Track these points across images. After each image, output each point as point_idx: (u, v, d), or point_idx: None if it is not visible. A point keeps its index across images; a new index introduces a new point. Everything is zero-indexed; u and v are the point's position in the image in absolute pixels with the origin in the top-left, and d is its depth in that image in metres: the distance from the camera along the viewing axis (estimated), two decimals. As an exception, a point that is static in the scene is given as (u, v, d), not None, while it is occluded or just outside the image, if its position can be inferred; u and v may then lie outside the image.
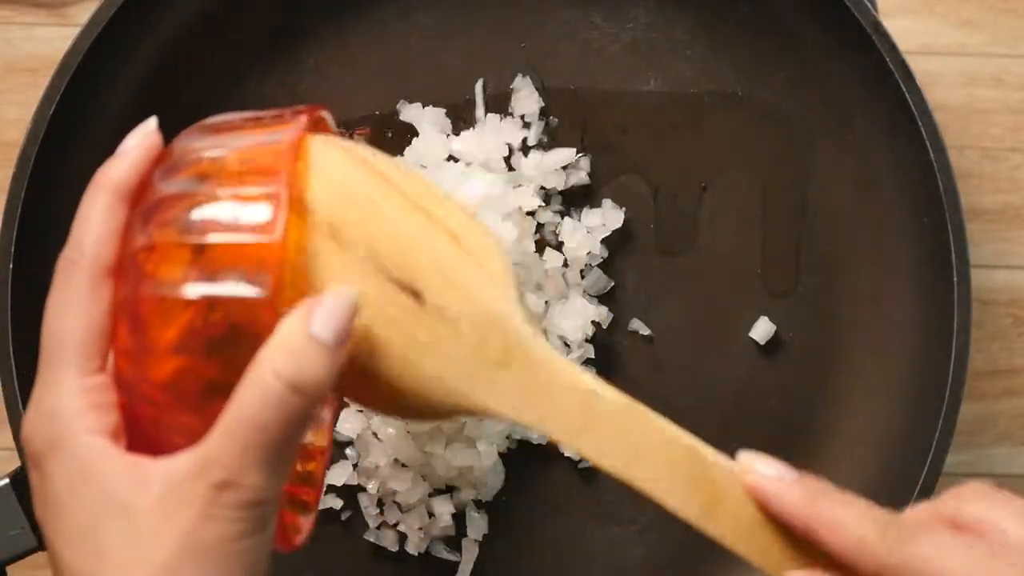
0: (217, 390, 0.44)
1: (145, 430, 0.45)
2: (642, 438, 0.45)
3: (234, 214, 0.44)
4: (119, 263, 0.45)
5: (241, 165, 0.46)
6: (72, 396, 0.44)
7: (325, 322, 0.43)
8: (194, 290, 0.44)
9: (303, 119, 0.47)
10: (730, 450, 0.68)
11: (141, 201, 0.46)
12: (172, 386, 0.44)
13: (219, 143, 0.47)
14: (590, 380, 0.46)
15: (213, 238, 0.44)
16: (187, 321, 0.44)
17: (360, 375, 0.47)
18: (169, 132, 0.49)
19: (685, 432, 0.46)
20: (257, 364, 0.43)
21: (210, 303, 0.44)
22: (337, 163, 0.47)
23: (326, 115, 0.51)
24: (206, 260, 0.44)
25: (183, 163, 0.46)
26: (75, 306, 0.45)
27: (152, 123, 0.48)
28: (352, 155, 0.48)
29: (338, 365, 0.44)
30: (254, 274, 0.44)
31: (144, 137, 0.47)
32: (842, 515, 0.43)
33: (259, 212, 0.44)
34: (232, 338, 0.44)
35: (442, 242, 0.46)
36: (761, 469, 0.45)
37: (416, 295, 0.46)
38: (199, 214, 0.45)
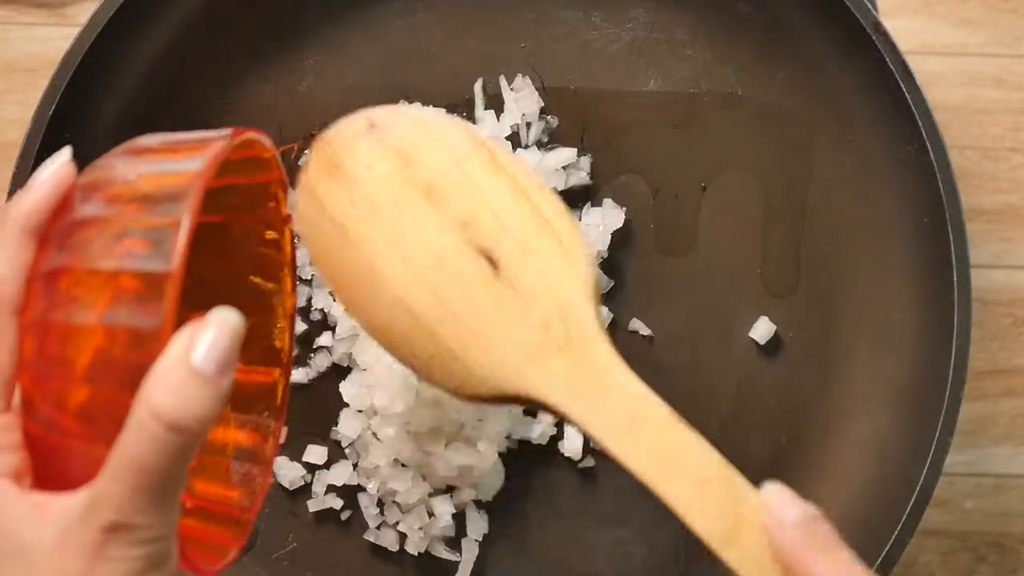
0: None
1: (57, 462, 0.44)
2: (680, 455, 0.45)
3: (135, 240, 0.43)
4: (30, 284, 0.44)
5: (152, 190, 0.44)
6: None
7: (208, 353, 0.42)
8: (94, 317, 0.43)
9: (214, 149, 0.45)
10: (729, 453, 0.68)
11: (58, 222, 0.45)
12: (84, 416, 0.43)
13: (137, 166, 0.46)
14: (641, 387, 0.46)
15: (110, 264, 0.43)
16: (95, 349, 0.43)
17: (419, 327, 0.47)
18: (169, 131, 0.49)
19: (721, 458, 0.46)
20: (137, 402, 0.42)
21: (111, 331, 0.43)
22: (451, 134, 0.48)
23: (260, 138, 0.50)
24: (105, 286, 0.43)
25: (99, 185, 0.45)
26: None
27: (64, 154, 0.47)
28: (467, 131, 0.49)
29: (223, 395, 0.43)
30: (148, 303, 0.42)
31: (56, 170, 0.46)
32: (823, 571, 0.43)
33: (159, 240, 0.43)
34: (139, 368, 0.42)
35: (533, 221, 0.47)
36: (773, 503, 0.45)
37: (493, 263, 0.46)
38: (103, 239, 0.43)
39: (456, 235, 0.47)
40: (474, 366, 0.46)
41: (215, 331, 0.42)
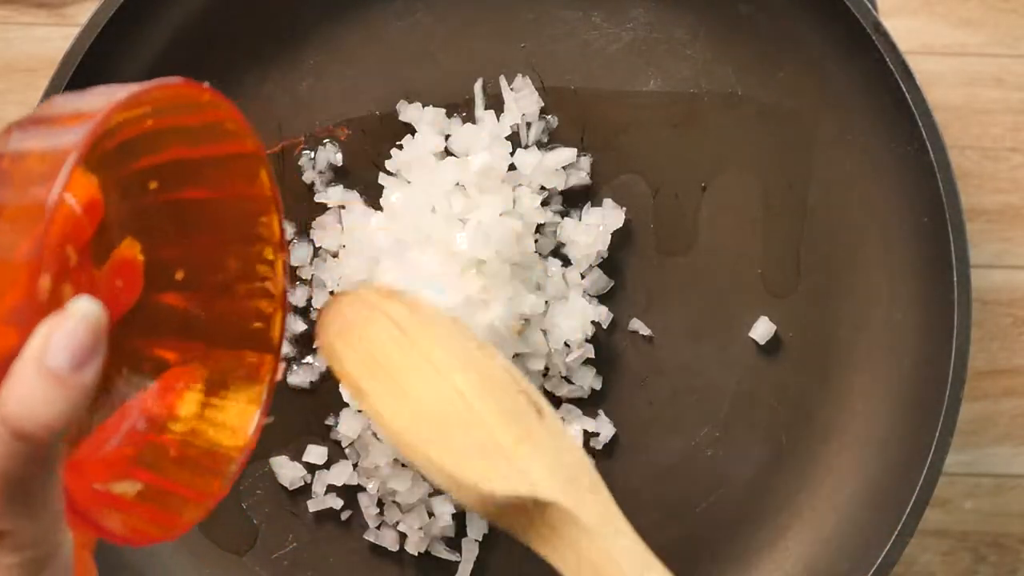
0: None
1: None
2: None
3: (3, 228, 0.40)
4: None
5: (29, 169, 0.41)
6: None
7: (62, 349, 0.40)
8: None
9: (88, 125, 0.42)
10: (729, 453, 0.68)
11: None
12: None
13: (25, 138, 0.43)
14: (649, 552, 0.49)
15: None
16: None
17: (474, 418, 0.50)
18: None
19: None
20: None
21: None
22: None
23: (185, 85, 0.47)
24: None
25: None
26: None
27: None
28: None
29: (81, 395, 0.40)
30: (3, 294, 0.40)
31: None
32: None
33: (20, 226, 0.40)
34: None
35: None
36: None
37: (538, 410, 0.50)
38: None
39: (506, 374, 0.51)
40: (520, 463, 0.49)
41: (70, 325, 0.40)
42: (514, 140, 0.67)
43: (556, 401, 0.68)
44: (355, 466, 0.68)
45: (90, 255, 0.48)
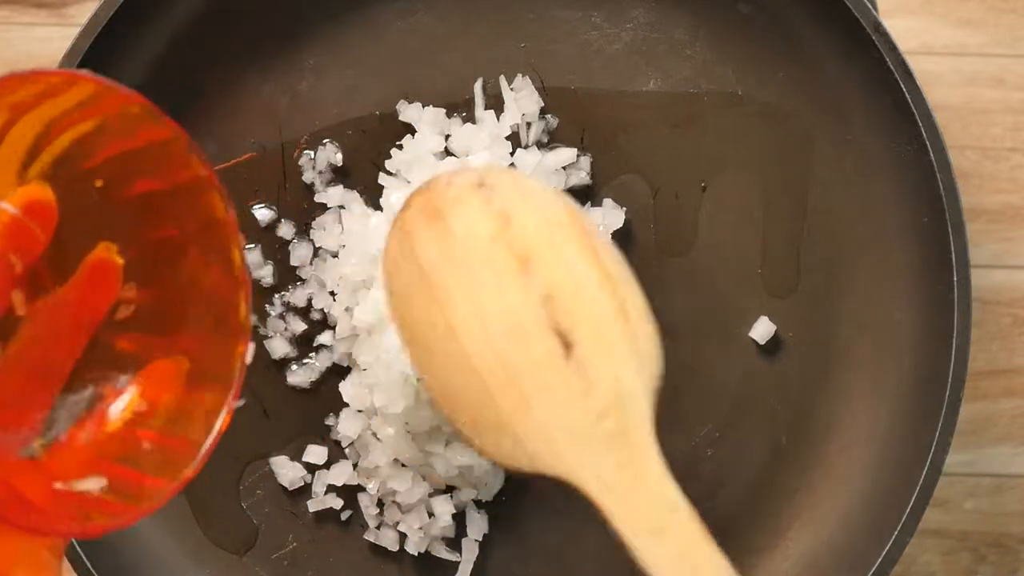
0: None
1: None
2: (699, 565, 0.46)
3: None
4: None
5: None
6: None
7: None
8: None
9: None
10: (729, 453, 0.68)
11: None
12: None
13: None
14: (677, 496, 0.47)
15: None
16: None
17: (482, 390, 0.48)
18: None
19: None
20: None
21: None
22: (552, 205, 0.50)
23: (90, 76, 0.47)
24: None
25: None
26: None
27: None
28: (566, 204, 0.50)
29: None
30: None
31: None
32: None
33: None
34: None
35: (615, 314, 0.49)
36: None
37: (567, 345, 0.48)
38: None
39: (537, 310, 0.48)
40: (524, 439, 0.47)
41: None
42: (514, 140, 0.67)
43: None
44: (355, 466, 0.68)
45: (49, 262, 0.48)
